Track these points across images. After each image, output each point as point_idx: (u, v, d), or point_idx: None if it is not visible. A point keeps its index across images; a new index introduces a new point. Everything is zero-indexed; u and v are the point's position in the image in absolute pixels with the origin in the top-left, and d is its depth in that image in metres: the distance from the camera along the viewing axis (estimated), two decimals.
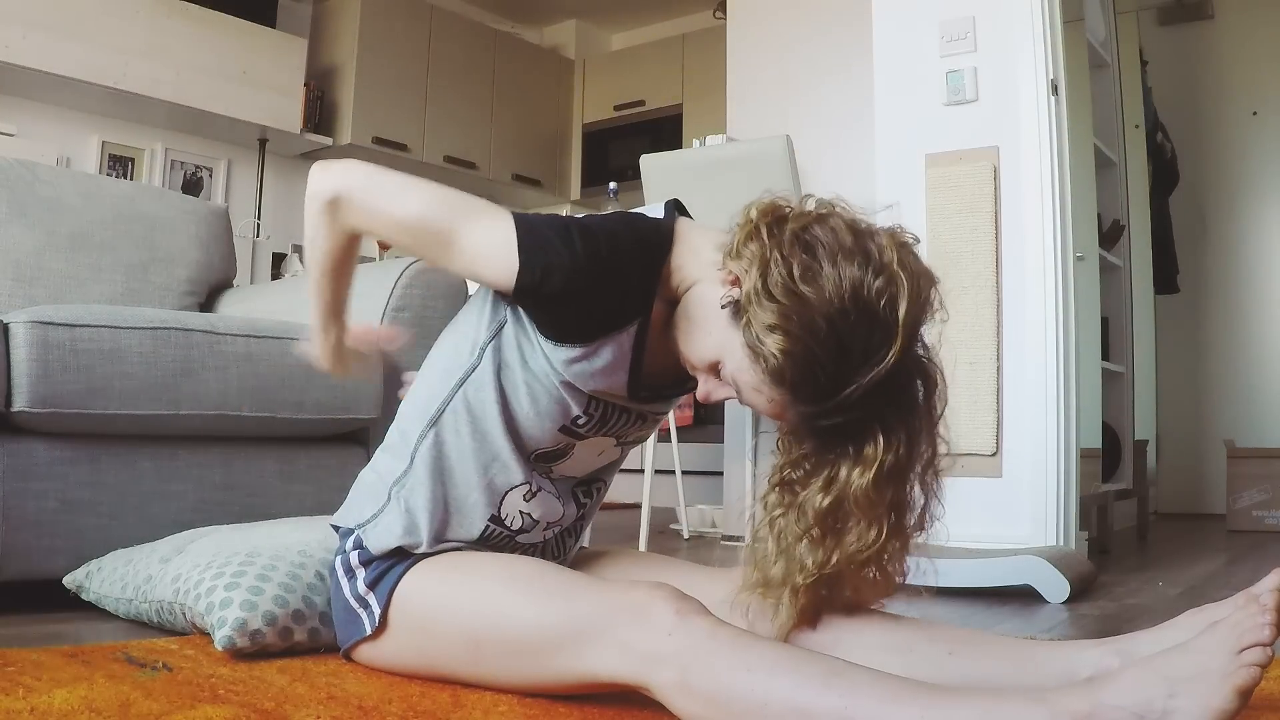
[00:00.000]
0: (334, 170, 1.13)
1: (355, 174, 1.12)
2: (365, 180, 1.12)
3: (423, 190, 1.11)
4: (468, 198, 1.12)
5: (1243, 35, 4.42)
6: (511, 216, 1.09)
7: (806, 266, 0.97)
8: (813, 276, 0.97)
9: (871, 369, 0.96)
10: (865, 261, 0.98)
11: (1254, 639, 0.82)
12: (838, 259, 0.97)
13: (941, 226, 2.47)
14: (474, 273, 1.11)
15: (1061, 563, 2.09)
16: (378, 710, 1.03)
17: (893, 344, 0.96)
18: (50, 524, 1.66)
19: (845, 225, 1.01)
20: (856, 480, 1.00)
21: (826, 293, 0.96)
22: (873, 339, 0.96)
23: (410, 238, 1.11)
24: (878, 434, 0.99)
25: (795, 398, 0.99)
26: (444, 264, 1.12)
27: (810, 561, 1.04)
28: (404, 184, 1.12)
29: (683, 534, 3.37)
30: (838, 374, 0.97)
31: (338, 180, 1.12)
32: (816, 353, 0.96)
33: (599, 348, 1.10)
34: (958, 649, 1.07)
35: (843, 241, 0.98)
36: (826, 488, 1.02)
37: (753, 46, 4.06)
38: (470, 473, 1.17)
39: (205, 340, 1.80)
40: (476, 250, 1.08)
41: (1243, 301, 4.39)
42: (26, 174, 2.24)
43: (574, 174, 6.05)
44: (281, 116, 4.60)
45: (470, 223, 1.09)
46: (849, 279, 0.96)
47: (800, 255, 0.98)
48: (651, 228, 1.12)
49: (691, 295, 1.10)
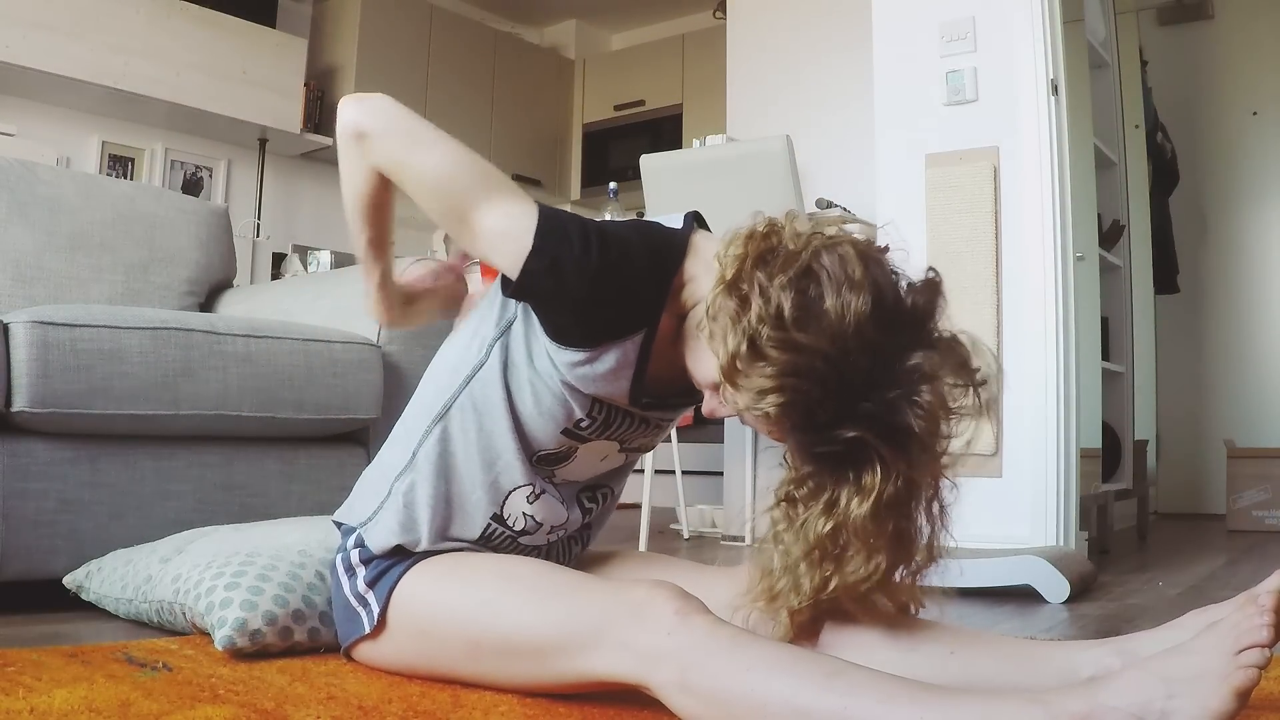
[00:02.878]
0: (365, 104, 1.10)
1: (385, 112, 1.10)
2: (393, 121, 1.09)
3: (454, 149, 1.08)
4: (497, 172, 1.09)
5: (1243, 35, 4.42)
6: (537, 204, 1.07)
7: (802, 308, 0.94)
8: (810, 319, 0.94)
9: (875, 400, 0.95)
10: (873, 294, 0.95)
11: (1252, 640, 0.82)
12: (841, 290, 0.94)
13: (941, 226, 2.47)
14: (488, 248, 1.08)
15: (1061, 563, 2.09)
16: (378, 710, 1.03)
17: (894, 382, 0.95)
18: (50, 524, 1.66)
19: (855, 254, 0.97)
20: (855, 509, 0.98)
21: (827, 333, 0.93)
22: (874, 372, 0.95)
23: (433, 197, 1.08)
24: (876, 464, 0.97)
25: (794, 430, 0.99)
26: (460, 232, 1.08)
27: (808, 584, 1.03)
28: (435, 136, 1.09)
29: (683, 534, 3.37)
30: (839, 409, 0.95)
31: (365, 116, 1.09)
32: (816, 394, 0.94)
33: (602, 353, 1.09)
34: (958, 649, 1.07)
35: (850, 272, 0.95)
36: (827, 512, 1.01)
37: (753, 46, 4.06)
38: (474, 470, 1.16)
39: (205, 340, 1.80)
40: (495, 225, 1.06)
41: (1243, 301, 4.39)
42: (26, 174, 2.24)
43: (574, 174, 6.05)
44: (281, 116, 4.60)
45: (496, 196, 1.06)
46: (853, 314, 0.93)
47: (794, 294, 0.94)
48: (665, 238, 1.11)
49: (699, 312, 1.08)
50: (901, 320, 0.97)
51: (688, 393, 1.19)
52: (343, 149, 1.13)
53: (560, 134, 6.04)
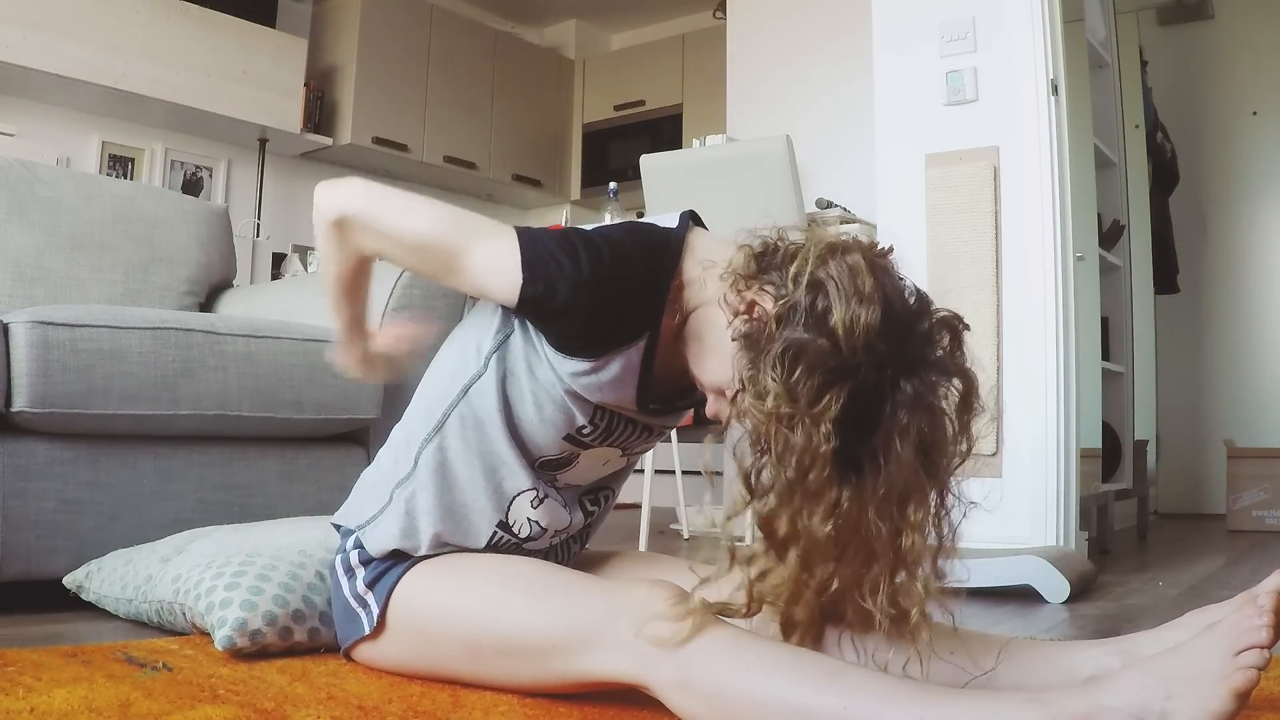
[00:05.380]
0: (338, 190, 1.13)
1: (358, 194, 1.12)
2: (368, 201, 1.11)
3: (426, 209, 1.10)
4: (470, 216, 1.11)
5: (1243, 35, 4.42)
6: (514, 232, 1.08)
7: (812, 317, 0.94)
8: (821, 325, 0.93)
9: (884, 405, 0.94)
10: (882, 305, 0.94)
11: (1251, 641, 0.82)
12: (850, 300, 0.93)
13: (941, 226, 2.47)
14: (481, 289, 1.10)
15: (1061, 563, 2.09)
16: (378, 710, 1.03)
17: (898, 391, 0.94)
18: (50, 524, 1.66)
19: (865, 265, 0.96)
20: (855, 513, 0.96)
21: (838, 341, 0.93)
22: (882, 380, 0.94)
23: (416, 258, 1.11)
24: (880, 466, 0.96)
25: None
26: (451, 282, 1.11)
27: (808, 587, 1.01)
28: (407, 203, 1.11)
29: (683, 534, 3.37)
30: (847, 416, 0.94)
31: (341, 201, 1.12)
32: (824, 404, 0.93)
33: (607, 361, 1.09)
34: (957, 649, 1.07)
35: (860, 284, 0.94)
36: (828, 514, 0.99)
37: (753, 47, 4.07)
38: (476, 478, 1.16)
39: (205, 340, 1.80)
40: (482, 267, 1.08)
41: (1243, 301, 4.39)
42: (26, 174, 2.24)
43: (574, 174, 6.05)
44: (281, 116, 4.61)
45: (475, 241, 1.08)
46: (865, 323, 0.93)
47: (805, 302, 0.94)
48: (660, 238, 1.11)
49: (701, 315, 1.08)
50: (908, 330, 0.96)
51: (689, 392, 1.18)
52: (323, 235, 1.14)
53: (560, 134, 6.04)
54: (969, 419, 0.99)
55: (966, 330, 1.00)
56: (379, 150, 5.04)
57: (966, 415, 0.99)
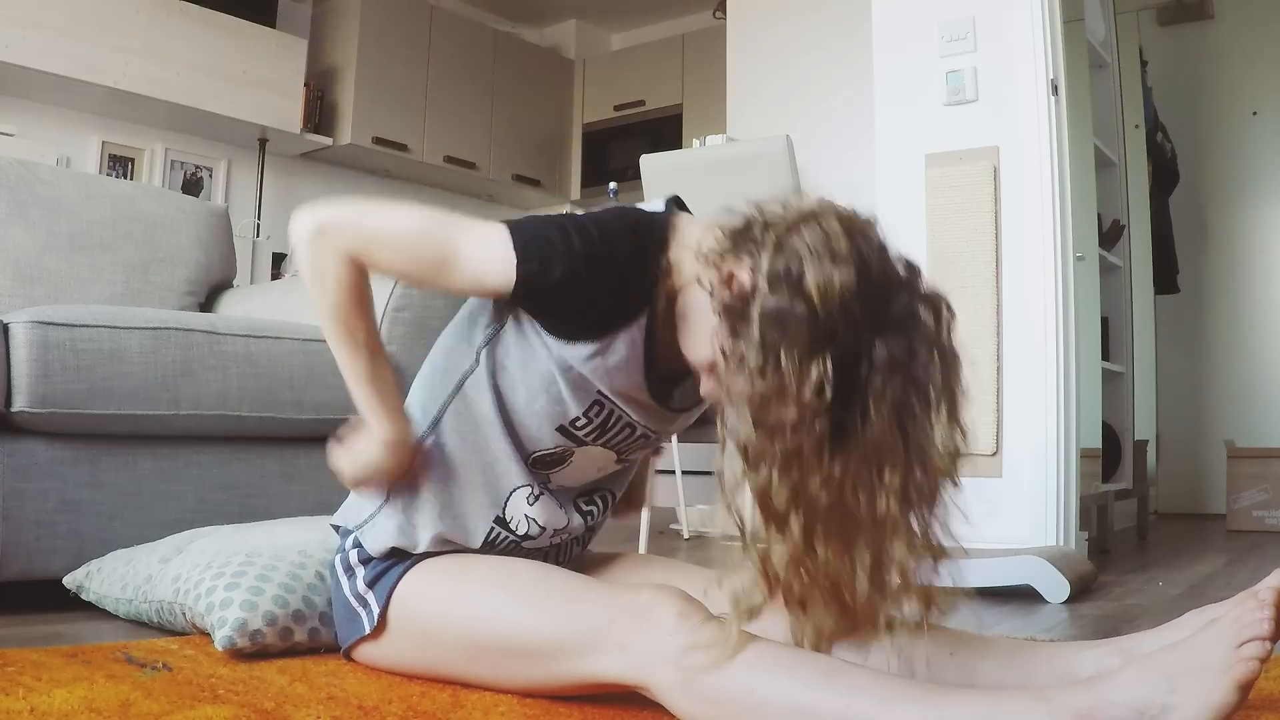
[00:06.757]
0: (312, 210, 1.12)
1: (334, 207, 1.11)
2: (344, 209, 1.11)
3: (410, 209, 1.11)
4: (453, 214, 1.11)
5: (1243, 35, 4.42)
6: (501, 222, 1.09)
7: (788, 282, 0.93)
8: (797, 290, 0.93)
9: (865, 374, 0.93)
10: (858, 267, 0.94)
11: (1252, 633, 0.82)
12: (823, 261, 0.93)
13: (941, 226, 2.47)
14: (476, 278, 1.09)
15: (1061, 563, 2.09)
16: (378, 710, 1.03)
17: (874, 351, 0.93)
18: (50, 524, 1.65)
19: (841, 230, 0.96)
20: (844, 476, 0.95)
21: (814, 305, 0.92)
22: (862, 347, 0.93)
23: (406, 257, 1.10)
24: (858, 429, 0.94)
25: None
26: (444, 280, 1.10)
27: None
28: (389, 208, 1.11)
29: (683, 534, 3.37)
30: (830, 384, 0.93)
31: (317, 215, 1.10)
32: (806, 370, 0.92)
33: (611, 342, 1.09)
34: (958, 649, 1.07)
35: (835, 247, 0.94)
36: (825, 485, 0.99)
37: (753, 47, 4.07)
38: (472, 474, 1.17)
39: (205, 340, 1.80)
40: (475, 257, 1.07)
41: (1243, 301, 4.39)
42: (26, 174, 2.24)
43: (574, 174, 6.05)
44: (281, 116, 4.61)
45: (464, 232, 1.08)
46: (839, 284, 0.92)
47: (781, 268, 0.94)
48: (646, 218, 1.12)
49: (687, 296, 1.09)
50: (885, 294, 0.96)
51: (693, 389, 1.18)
52: (306, 252, 1.11)
53: (560, 134, 6.05)
54: (954, 396, 0.97)
55: (952, 316, 0.98)
56: (379, 150, 5.05)
57: (950, 392, 0.97)
